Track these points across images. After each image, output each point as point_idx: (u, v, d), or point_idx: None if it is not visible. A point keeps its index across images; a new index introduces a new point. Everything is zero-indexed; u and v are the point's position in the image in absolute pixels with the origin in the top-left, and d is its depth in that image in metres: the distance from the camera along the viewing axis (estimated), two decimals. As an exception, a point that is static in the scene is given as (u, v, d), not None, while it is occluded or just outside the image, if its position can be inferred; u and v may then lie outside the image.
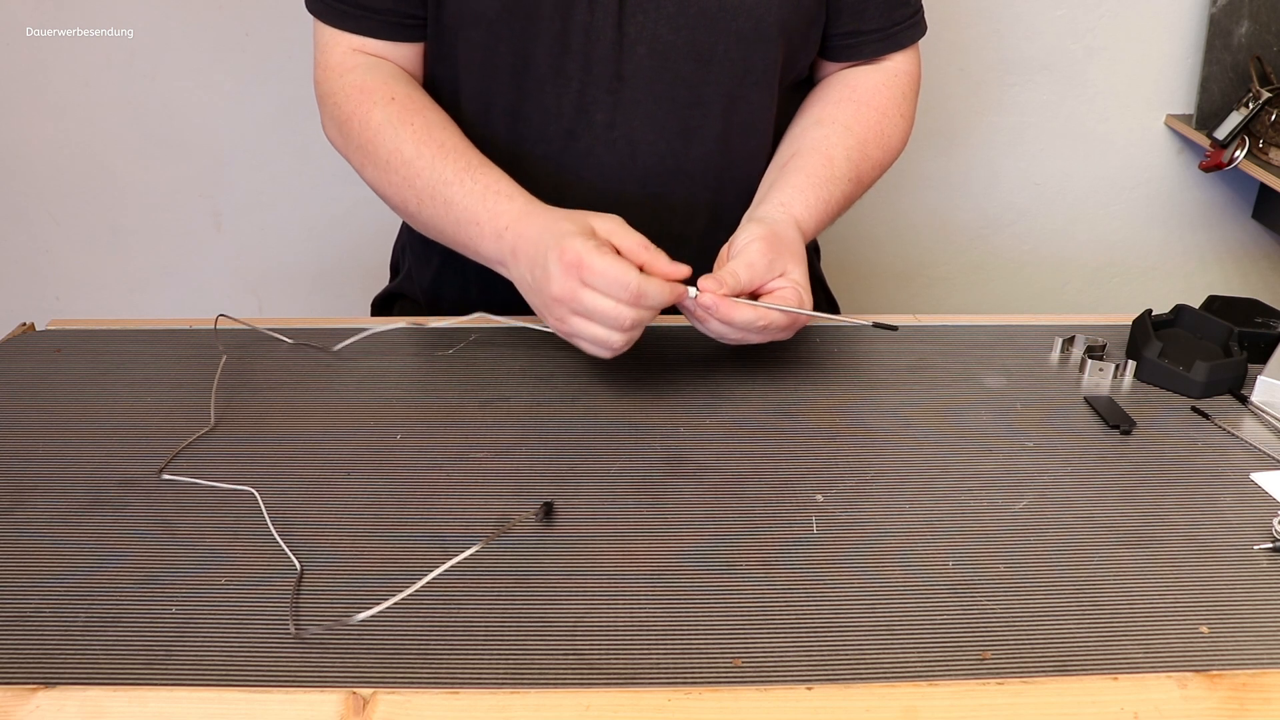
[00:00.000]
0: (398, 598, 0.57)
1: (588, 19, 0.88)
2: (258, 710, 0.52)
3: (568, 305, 0.73)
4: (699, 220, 0.99)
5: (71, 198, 1.72)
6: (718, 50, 0.90)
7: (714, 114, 0.93)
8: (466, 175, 0.84)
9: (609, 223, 0.76)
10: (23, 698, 0.52)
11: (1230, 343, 0.86)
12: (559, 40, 0.89)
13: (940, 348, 0.90)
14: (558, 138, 0.93)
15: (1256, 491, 0.72)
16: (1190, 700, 0.53)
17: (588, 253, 0.71)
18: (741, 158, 0.97)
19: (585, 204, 0.94)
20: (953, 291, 1.86)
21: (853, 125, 0.94)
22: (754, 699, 0.53)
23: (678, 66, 0.90)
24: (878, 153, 0.95)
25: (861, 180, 0.94)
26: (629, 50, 0.89)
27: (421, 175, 0.86)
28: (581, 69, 0.90)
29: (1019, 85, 1.70)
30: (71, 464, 0.73)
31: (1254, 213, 1.80)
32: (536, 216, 0.79)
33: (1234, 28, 1.61)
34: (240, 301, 1.81)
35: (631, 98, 0.91)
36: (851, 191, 0.92)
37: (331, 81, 0.94)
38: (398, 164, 0.87)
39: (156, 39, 1.60)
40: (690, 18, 0.88)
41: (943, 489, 0.71)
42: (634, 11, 0.88)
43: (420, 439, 0.76)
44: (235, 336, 0.89)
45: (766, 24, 0.90)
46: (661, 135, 0.93)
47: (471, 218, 0.83)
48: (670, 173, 0.95)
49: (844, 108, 0.95)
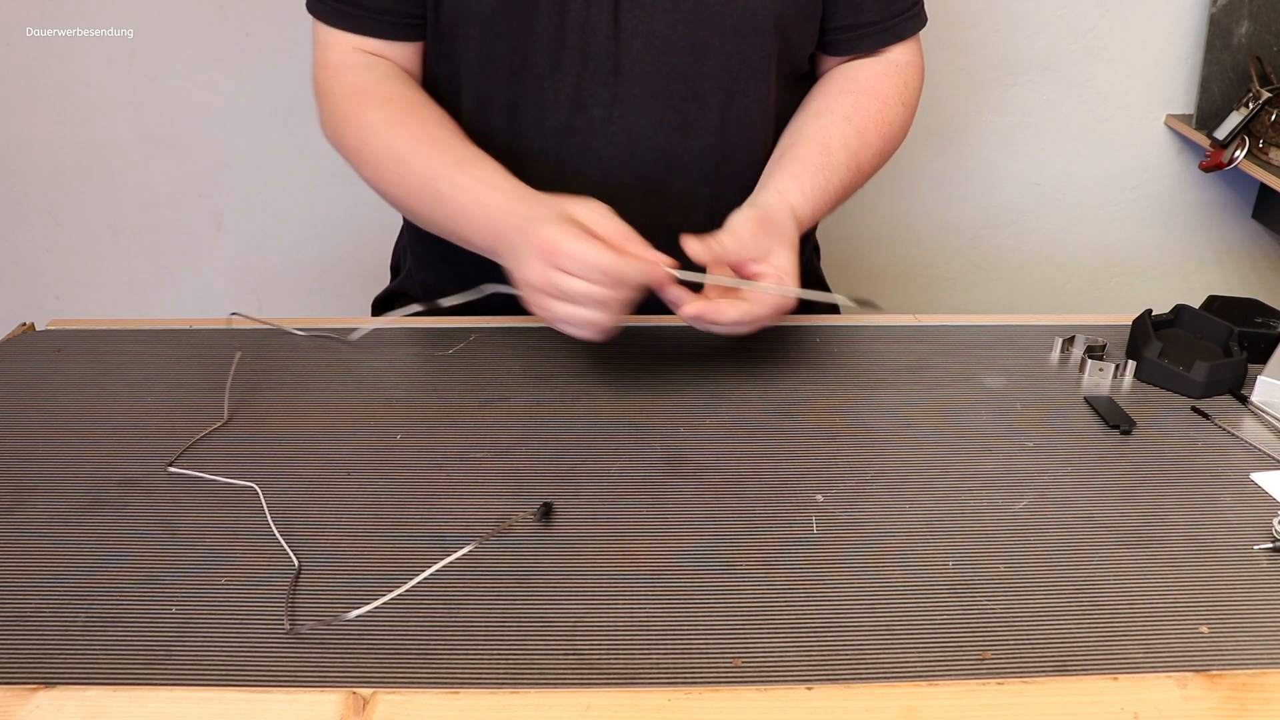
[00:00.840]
0: (389, 596, 0.58)
1: (584, 13, 0.88)
2: (258, 710, 0.52)
3: (545, 291, 0.74)
4: (698, 213, 0.99)
5: (71, 198, 1.72)
6: (713, 43, 0.90)
7: (711, 107, 0.93)
8: (457, 170, 0.85)
9: (593, 211, 0.76)
10: (23, 698, 0.52)
11: (1230, 343, 0.86)
12: (556, 35, 0.89)
13: (940, 348, 0.90)
14: (555, 132, 0.93)
15: (1256, 491, 0.72)
16: (1190, 700, 0.53)
17: (559, 237, 0.72)
18: (740, 151, 0.97)
19: (586, 195, 0.94)
20: (953, 291, 1.86)
21: (851, 115, 0.94)
22: (754, 699, 0.53)
23: (673, 60, 0.90)
24: (878, 140, 0.95)
25: (861, 168, 0.94)
26: (625, 44, 0.89)
27: (415, 172, 0.87)
28: (578, 63, 0.90)
29: (1019, 85, 1.70)
30: (72, 464, 0.73)
31: (1254, 213, 1.80)
32: (521, 205, 0.80)
33: (1234, 28, 1.61)
34: (240, 302, 1.81)
35: (628, 91, 0.91)
36: (851, 179, 0.92)
37: (330, 81, 0.94)
38: (392, 162, 0.88)
39: (156, 39, 1.60)
40: (685, 11, 0.89)
41: (943, 489, 0.71)
42: (630, 6, 0.88)
43: (420, 439, 0.76)
44: (236, 336, 0.89)
45: (762, 17, 0.90)
46: (659, 128, 0.93)
47: (463, 211, 0.84)
48: (668, 166, 0.95)
49: (843, 99, 0.96)
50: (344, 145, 0.94)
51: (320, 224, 1.71)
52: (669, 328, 0.92)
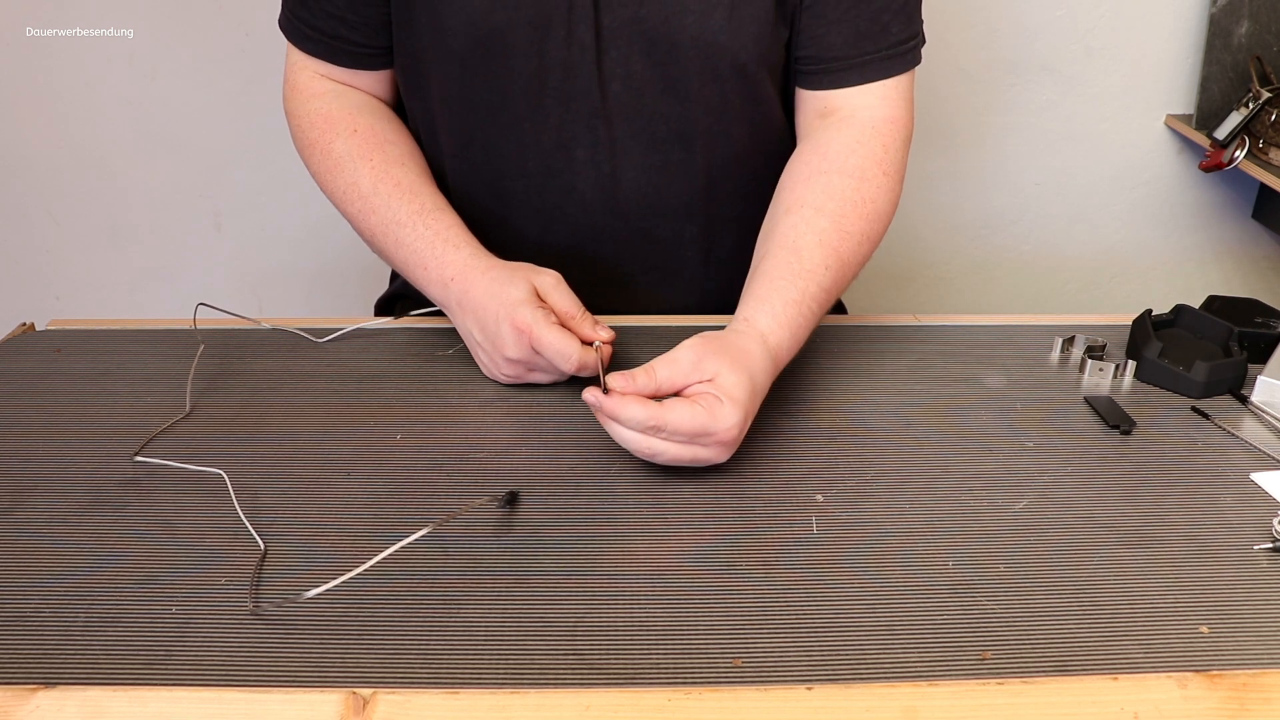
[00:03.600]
0: (349, 576, 0.58)
1: (564, 54, 0.87)
2: (258, 710, 0.52)
3: (524, 365, 0.81)
4: (688, 254, 0.98)
5: (71, 198, 1.72)
6: (693, 86, 0.89)
7: (695, 150, 0.92)
8: (419, 218, 0.87)
9: (546, 282, 0.82)
10: (23, 698, 0.52)
11: (1230, 343, 0.86)
12: (536, 76, 0.88)
13: (940, 348, 0.90)
14: (538, 172, 0.93)
15: (1256, 491, 0.72)
16: (1190, 700, 0.53)
17: (537, 325, 0.78)
18: (727, 191, 0.96)
19: (570, 237, 0.95)
20: (953, 291, 1.86)
21: (824, 204, 0.84)
22: (754, 699, 0.53)
23: (654, 102, 0.89)
24: (860, 224, 0.85)
25: (846, 261, 0.84)
26: (606, 85, 0.88)
27: (377, 211, 0.88)
28: (560, 104, 0.89)
29: (1019, 85, 1.70)
30: (71, 464, 0.73)
31: (1254, 213, 1.80)
32: (482, 273, 0.83)
33: (1234, 28, 1.61)
34: (241, 301, 1.81)
35: (610, 133, 0.90)
36: (834, 279, 0.82)
37: (297, 103, 0.95)
38: (355, 197, 0.90)
39: (156, 39, 1.60)
40: (662, 54, 0.87)
41: (943, 489, 0.71)
42: (609, 46, 0.87)
43: (420, 439, 0.76)
44: (237, 336, 0.90)
45: (741, 59, 0.88)
46: (642, 170, 0.92)
47: (420, 261, 0.86)
48: (654, 208, 0.94)
49: (814, 184, 0.86)
50: (310, 167, 0.95)
51: (320, 224, 1.71)
52: (669, 328, 0.92)
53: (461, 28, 0.87)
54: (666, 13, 0.85)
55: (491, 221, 0.95)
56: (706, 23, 0.85)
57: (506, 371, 0.81)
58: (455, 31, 0.87)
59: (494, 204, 0.93)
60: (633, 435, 0.69)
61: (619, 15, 0.86)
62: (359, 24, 0.92)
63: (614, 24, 0.86)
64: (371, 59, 0.94)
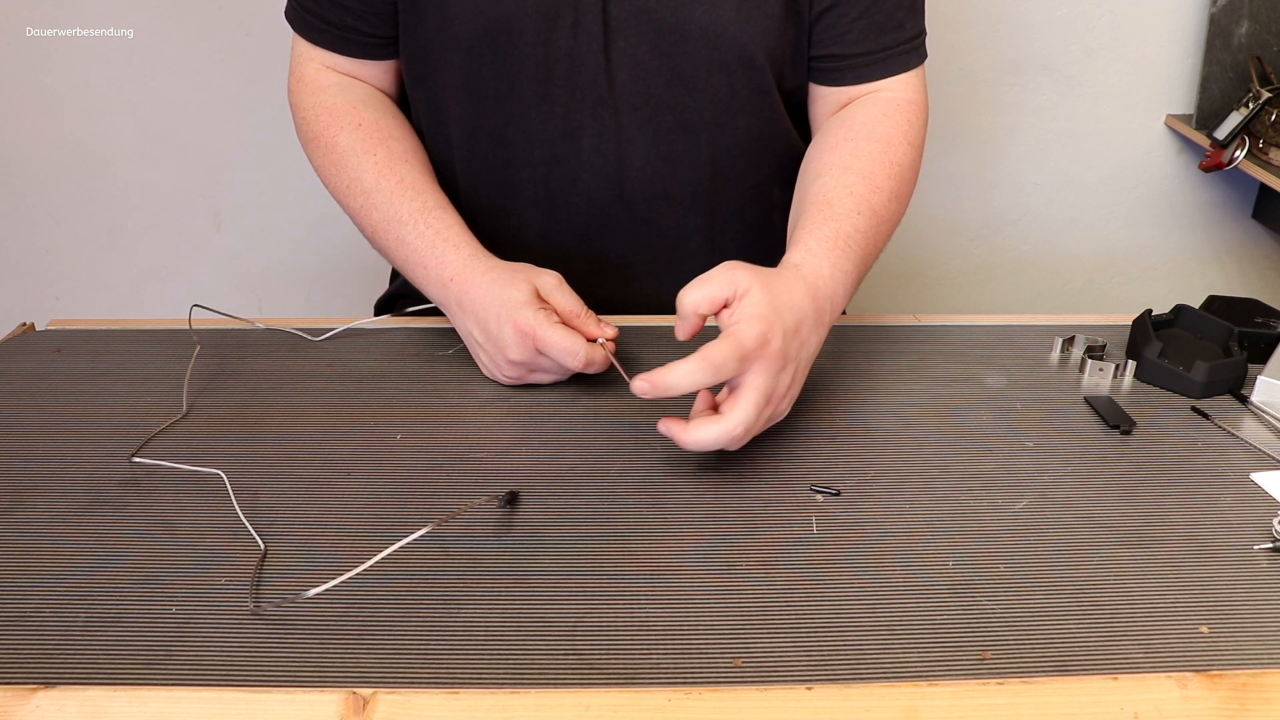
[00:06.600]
0: (349, 576, 0.58)
1: (571, 44, 0.88)
2: (258, 710, 0.52)
3: (526, 366, 0.80)
4: (693, 244, 0.98)
5: (71, 198, 1.72)
6: (700, 77, 0.89)
7: (701, 140, 0.92)
8: (420, 216, 0.86)
9: (548, 283, 0.82)
10: (23, 698, 0.52)
11: (1230, 343, 0.86)
12: (543, 65, 0.89)
13: (940, 348, 0.90)
14: (544, 162, 0.93)
15: (1256, 491, 0.72)
16: (1190, 700, 0.53)
17: (540, 325, 0.78)
18: (732, 182, 0.96)
19: (575, 226, 0.95)
20: (953, 291, 1.86)
21: (851, 163, 0.86)
22: (754, 699, 0.53)
23: (661, 92, 0.90)
24: (888, 183, 0.85)
25: (877, 212, 0.83)
26: (613, 75, 0.89)
27: (379, 208, 0.88)
28: (566, 94, 0.90)
29: (1019, 85, 1.70)
30: (71, 464, 0.73)
31: (1254, 213, 1.80)
32: (481, 274, 0.82)
33: (1234, 28, 1.61)
34: (241, 301, 1.81)
35: (617, 123, 0.91)
36: (869, 224, 0.82)
37: (302, 95, 0.95)
38: (357, 193, 0.89)
39: (156, 39, 1.60)
40: (670, 45, 0.88)
41: (943, 489, 0.71)
42: (616, 37, 0.87)
43: (420, 439, 0.76)
44: (237, 336, 0.90)
45: (749, 51, 0.89)
46: (648, 160, 0.92)
47: (420, 260, 0.85)
48: (659, 198, 0.95)
49: (841, 149, 0.88)
50: (313, 161, 0.95)
51: (320, 224, 1.71)
52: (669, 327, 0.92)
53: (469, 16, 0.87)
54: (677, 3, 0.86)
55: (496, 210, 0.95)
56: (717, 13, 0.87)
57: (508, 373, 0.81)
58: (463, 20, 0.88)
59: (499, 193, 0.93)
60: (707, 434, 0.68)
61: (628, 5, 0.87)
62: (366, 13, 0.92)
63: (623, 14, 0.87)
64: (378, 48, 0.95)
